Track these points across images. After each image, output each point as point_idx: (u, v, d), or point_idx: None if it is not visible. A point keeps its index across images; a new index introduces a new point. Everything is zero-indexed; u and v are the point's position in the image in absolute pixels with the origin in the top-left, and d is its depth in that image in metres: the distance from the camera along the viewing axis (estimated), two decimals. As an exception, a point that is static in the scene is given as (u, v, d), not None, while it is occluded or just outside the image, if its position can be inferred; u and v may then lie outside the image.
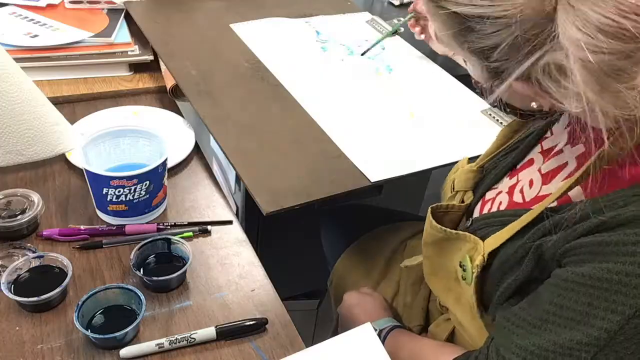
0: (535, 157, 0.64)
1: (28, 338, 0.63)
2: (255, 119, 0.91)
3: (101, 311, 0.65)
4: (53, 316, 0.66)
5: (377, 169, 0.83)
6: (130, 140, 0.82)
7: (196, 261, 0.74)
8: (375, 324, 0.77)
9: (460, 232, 0.64)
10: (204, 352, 0.64)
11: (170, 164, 0.85)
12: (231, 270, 0.74)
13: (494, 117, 0.97)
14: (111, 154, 0.81)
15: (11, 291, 0.65)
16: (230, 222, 0.81)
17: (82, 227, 0.76)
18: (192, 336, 0.63)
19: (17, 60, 0.99)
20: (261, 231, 1.11)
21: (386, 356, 0.59)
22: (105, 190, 0.73)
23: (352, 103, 0.99)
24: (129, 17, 1.17)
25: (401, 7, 1.48)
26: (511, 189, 0.65)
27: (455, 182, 0.73)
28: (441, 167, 0.86)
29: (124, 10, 1.17)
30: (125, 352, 0.62)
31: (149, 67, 1.08)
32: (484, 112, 0.99)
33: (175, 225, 0.78)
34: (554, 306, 0.49)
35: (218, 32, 1.13)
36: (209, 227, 0.79)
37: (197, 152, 0.92)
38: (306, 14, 1.25)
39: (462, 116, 0.98)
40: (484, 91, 0.52)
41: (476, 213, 0.69)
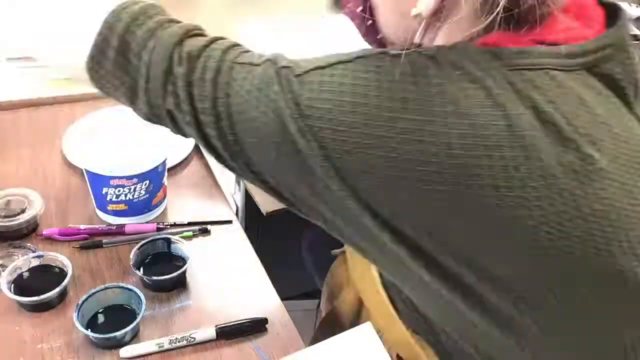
0: None
1: (28, 338, 0.63)
2: None
3: (101, 311, 0.65)
4: (53, 316, 0.66)
5: None
6: (130, 140, 0.82)
7: (196, 261, 0.74)
8: None
9: None
10: (204, 352, 0.64)
11: (170, 164, 0.85)
12: (231, 270, 0.74)
13: None
14: (111, 154, 0.81)
15: (11, 291, 0.65)
16: (230, 222, 0.81)
17: (82, 226, 0.76)
18: (192, 336, 0.63)
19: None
20: (261, 231, 1.11)
21: (386, 356, 0.59)
22: (105, 190, 0.73)
23: None
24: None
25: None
26: None
27: None
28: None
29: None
30: (125, 352, 0.62)
31: (149, 67, 1.08)
32: None
33: (175, 225, 0.78)
34: None
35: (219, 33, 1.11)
36: (209, 227, 0.79)
37: (197, 152, 0.92)
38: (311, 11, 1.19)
39: None
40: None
41: None
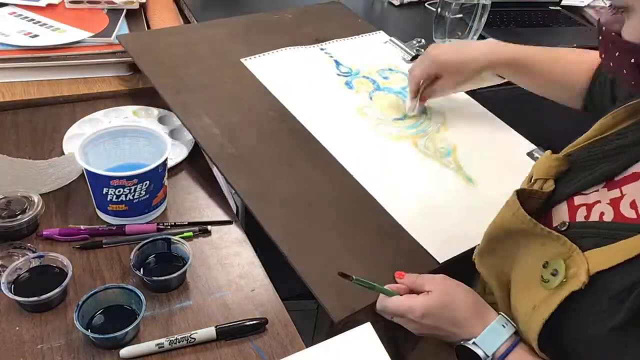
0: None
1: (28, 338, 0.63)
2: (295, 188, 0.81)
3: (101, 311, 0.65)
4: (53, 316, 0.66)
5: (441, 246, 0.75)
6: (130, 140, 0.82)
7: (196, 261, 0.74)
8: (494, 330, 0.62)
9: (554, 232, 0.58)
10: (204, 352, 0.64)
11: (170, 164, 0.85)
12: (231, 270, 0.74)
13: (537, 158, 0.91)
14: (111, 154, 0.81)
15: (11, 291, 0.65)
16: (230, 222, 0.81)
17: (82, 227, 0.76)
18: (192, 336, 0.63)
19: (17, 60, 1.00)
20: (261, 231, 1.11)
21: (386, 356, 0.59)
22: (105, 190, 0.73)
23: (395, 157, 0.90)
24: (129, 17, 1.17)
25: (401, 7, 1.48)
26: (614, 201, 0.58)
27: (535, 170, 0.67)
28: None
29: (124, 11, 1.17)
30: (125, 352, 0.62)
31: (149, 67, 1.08)
32: (529, 155, 0.93)
33: (175, 225, 0.78)
34: None
35: (229, 71, 1.02)
36: (209, 227, 0.79)
37: (197, 152, 0.92)
38: (318, 38, 1.15)
39: (512, 164, 0.91)
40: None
41: (562, 214, 0.62)
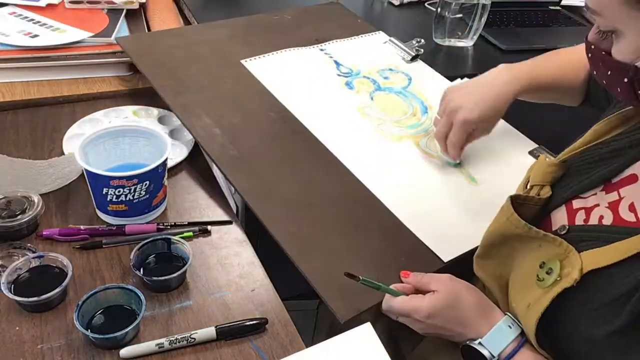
0: (639, 174, 0.58)
1: (28, 338, 0.63)
2: (297, 188, 0.81)
3: (101, 311, 0.65)
4: (53, 316, 0.66)
5: (445, 245, 0.75)
6: (130, 140, 0.82)
7: (196, 261, 0.74)
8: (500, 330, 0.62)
9: (550, 234, 0.58)
10: (204, 352, 0.64)
11: (170, 164, 0.85)
12: (231, 270, 0.74)
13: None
14: (111, 154, 0.81)
15: (11, 291, 0.65)
16: (230, 222, 0.81)
17: (82, 227, 0.76)
18: (192, 336, 0.63)
19: (17, 60, 1.00)
20: (261, 231, 1.11)
21: (386, 356, 0.59)
22: (105, 190, 0.73)
23: (397, 157, 0.90)
24: (129, 17, 1.17)
25: (401, 7, 1.48)
26: (613, 205, 0.58)
27: (531, 176, 0.67)
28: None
29: (124, 10, 1.17)
30: (125, 352, 0.62)
31: (149, 67, 1.08)
32: (531, 154, 0.93)
33: (175, 225, 0.78)
34: None
35: (229, 72, 1.01)
36: (209, 227, 0.79)
37: (197, 152, 0.92)
38: (318, 39, 1.14)
39: (514, 163, 0.91)
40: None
41: (561, 218, 0.63)
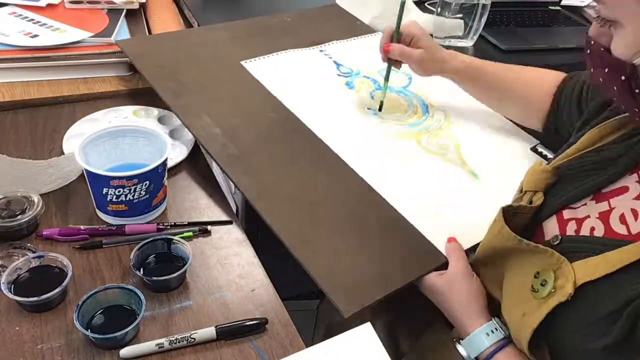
0: (630, 186, 0.58)
1: (28, 338, 0.63)
2: (298, 186, 0.81)
3: (101, 311, 0.65)
4: (53, 316, 0.66)
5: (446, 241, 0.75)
6: (130, 140, 0.82)
7: (196, 261, 0.74)
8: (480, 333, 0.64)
9: (540, 245, 0.59)
10: (204, 352, 0.64)
11: (170, 164, 0.85)
12: (231, 270, 0.74)
13: (543, 153, 0.91)
14: (111, 154, 0.81)
15: (11, 291, 0.65)
16: (230, 222, 0.81)
17: (82, 227, 0.76)
18: (192, 336, 0.63)
19: (17, 60, 1.00)
20: (261, 231, 1.11)
21: (386, 356, 0.59)
22: (105, 190, 0.73)
23: (398, 154, 0.90)
24: (129, 17, 1.18)
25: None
26: (604, 215, 0.59)
27: (525, 181, 0.67)
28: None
29: (124, 10, 1.17)
30: (125, 352, 0.62)
31: (149, 67, 1.08)
32: (533, 150, 0.93)
33: (175, 225, 0.78)
34: None
35: (229, 73, 1.02)
36: (209, 227, 0.79)
37: (197, 152, 0.92)
38: (316, 40, 1.16)
39: (516, 159, 0.92)
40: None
41: (553, 228, 0.63)
